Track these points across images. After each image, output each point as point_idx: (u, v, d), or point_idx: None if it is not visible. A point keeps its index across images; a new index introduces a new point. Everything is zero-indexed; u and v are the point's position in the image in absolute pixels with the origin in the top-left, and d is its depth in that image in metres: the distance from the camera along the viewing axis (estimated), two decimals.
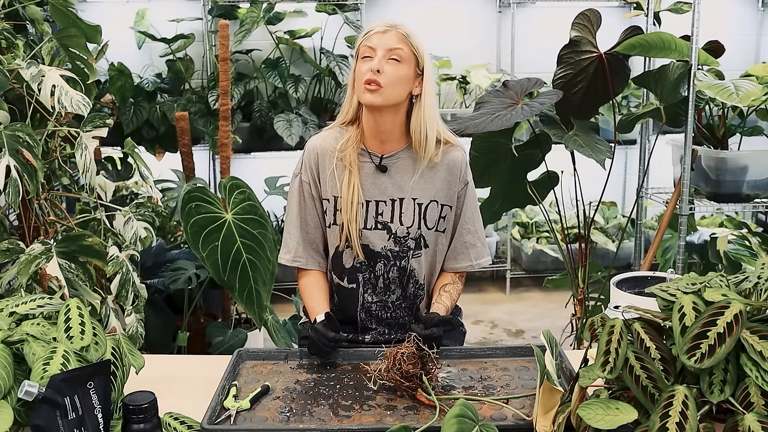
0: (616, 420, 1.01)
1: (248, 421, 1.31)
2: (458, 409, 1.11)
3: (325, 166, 1.71)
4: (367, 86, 1.60)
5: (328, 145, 1.72)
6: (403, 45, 1.61)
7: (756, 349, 0.98)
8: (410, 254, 1.72)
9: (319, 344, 1.52)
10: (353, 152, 1.68)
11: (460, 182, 1.74)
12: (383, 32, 1.61)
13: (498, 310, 4.17)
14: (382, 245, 1.70)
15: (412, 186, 1.70)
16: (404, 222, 1.70)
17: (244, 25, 3.76)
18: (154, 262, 3.04)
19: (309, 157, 1.73)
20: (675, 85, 2.55)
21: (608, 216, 4.54)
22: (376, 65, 1.59)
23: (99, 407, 1.14)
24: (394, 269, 1.72)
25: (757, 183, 2.72)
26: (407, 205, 1.70)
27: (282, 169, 3.37)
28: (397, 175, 1.70)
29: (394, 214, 1.70)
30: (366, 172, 1.70)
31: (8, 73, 1.84)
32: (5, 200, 1.74)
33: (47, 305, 1.29)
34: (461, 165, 1.74)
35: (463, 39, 4.39)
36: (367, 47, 1.62)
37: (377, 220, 1.70)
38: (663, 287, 1.16)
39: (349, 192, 1.67)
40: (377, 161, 1.70)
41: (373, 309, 1.75)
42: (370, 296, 1.74)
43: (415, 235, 1.71)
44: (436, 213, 1.71)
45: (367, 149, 1.71)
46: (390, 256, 1.71)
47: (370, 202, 1.70)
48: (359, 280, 1.73)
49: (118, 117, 3.62)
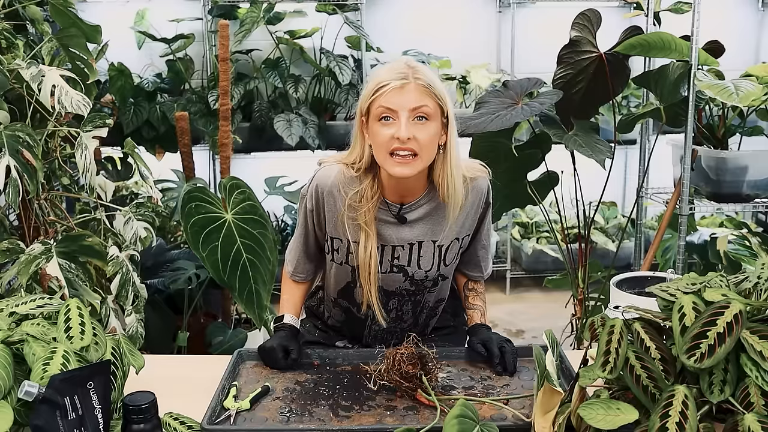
0: (617, 420, 1.01)
1: (248, 421, 1.31)
2: (459, 409, 1.10)
3: (334, 208, 1.57)
4: (399, 158, 1.41)
5: (338, 186, 1.55)
6: (427, 100, 1.41)
7: (756, 349, 0.98)
8: (425, 291, 1.65)
9: (272, 361, 1.53)
10: (370, 211, 1.52)
11: (482, 205, 1.63)
12: (401, 87, 1.39)
13: (498, 310, 4.17)
14: (397, 286, 1.63)
15: (431, 230, 1.58)
16: (422, 266, 1.60)
17: (244, 25, 3.76)
18: (154, 262, 3.04)
19: (318, 190, 1.58)
20: (675, 85, 2.55)
21: (608, 216, 4.54)
22: (404, 133, 1.38)
23: (99, 407, 1.14)
24: (408, 303, 1.68)
25: (757, 183, 2.71)
26: (426, 248, 1.58)
27: (282, 169, 3.37)
28: (416, 224, 1.57)
29: (411, 257, 1.59)
30: (381, 219, 1.56)
31: (8, 73, 1.84)
32: (5, 200, 1.74)
33: (47, 305, 1.29)
34: (484, 192, 1.62)
35: (463, 39, 4.39)
36: (385, 108, 1.40)
37: (393, 264, 1.59)
38: (663, 287, 1.16)
39: (366, 256, 1.52)
40: (396, 211, 1.56)
41: (380, 334, 1.73)
42: (378, 325, 1.68)
43: (434, 276, 1.62)
44: (456, 249, 1.62)
45: (385, 199, 1.56)
46: (405, 294, 1.65)
47: (386, 246, 1.57)
48: (369, 314, 1.67)
49: (118, 117, 3.62)
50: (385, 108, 1.40)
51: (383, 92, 1.40)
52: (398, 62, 1.46)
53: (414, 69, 1.42)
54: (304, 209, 1.63)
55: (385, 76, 1.41)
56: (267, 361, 1.53)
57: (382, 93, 1.40)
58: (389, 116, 1.41)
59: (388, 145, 1.41)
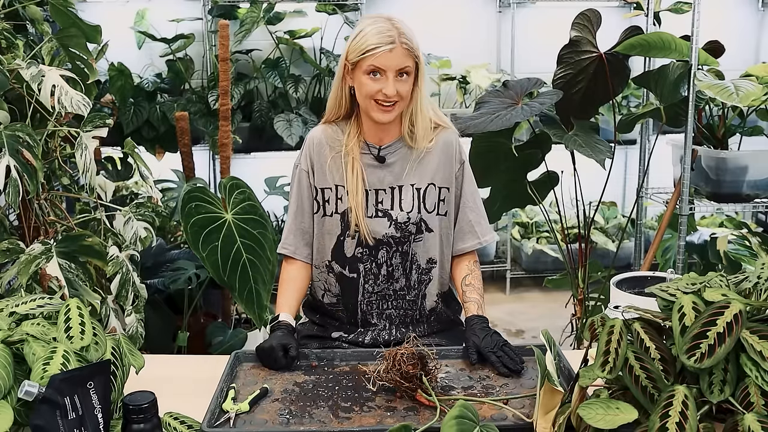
0: (617, 420, 1.01)
1: (248, 423, 1.31)
2: (458, 410, 1.10)
3: (324, 156, 1.76)
4: (383, 107, 1.65)
5: (327, 137, 1.77)
6: (409, 60, 1.64)
7: (756, 349, 0.98)
8: (411, 239, 1.74)
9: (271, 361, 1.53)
10: (356, 145, 1.74)
11: (456, 162, 1.78)
12: (390, 51, 1.61)
13: (498, 310, 4.17)
14: (384, 232, 1.73)
15: (409, 173, 1.74)
16: (404, 208, 1.74)
17: (244, 25, 3.76)
18: (154, 262, 3.04)
19: (308, 147, 1.78)
20: (675, 85, 2.55)
21: (608, 216, 4.54)
22: (392, 90, 1.62)
23: (99, 407, 1.14)
24: (396, 255, 1.74)
25: (757, 183, 2.71)
26: (406, 192, 1.74)
27: (282, 169, 3.37)
28: (394, 165, 1.75)
29: (393, 201, 1.74)
30: (365, 163, 1.75)
31: (8, 73, 1.84)
32: (5, 200, 1.74)
33: (47, 305, 1.29)
34: (455, 146, 1.78)
35: (463, 39, 4.39)
36: (374, 66, 1.62)
37: (377, 208, 1.74)
38: (663, 287, 1.16)
39: (353, 178, 1.72)
40: (375, 152, 1.75)
41: (374, 299, 1.76)
42: (371, 286, 1.75)
43: (416, 219, 1.74)
44: (434, 196, 1.75)
45: (366, 141, 1.76)
46: (392, 242, 1.74)
47: (369, 191, 1.74)
48: (360, 270, 1.75)
49: (118, 117, 3.62)
50: (375, 67, 1.62)
51: (374, 54, 1.61)
52: (384, 22, 1.64)
53: (399, 31, 1.62)
54: (298, 175, 1.79)
55: (374, 40, 1.61)
56: (266, 362, 1.54)
57: (373, 54, 1.61)
58: (377, 72, 1.62)
59: (375, 95, 1.64)
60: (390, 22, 1.64)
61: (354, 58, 1.64)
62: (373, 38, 1.61)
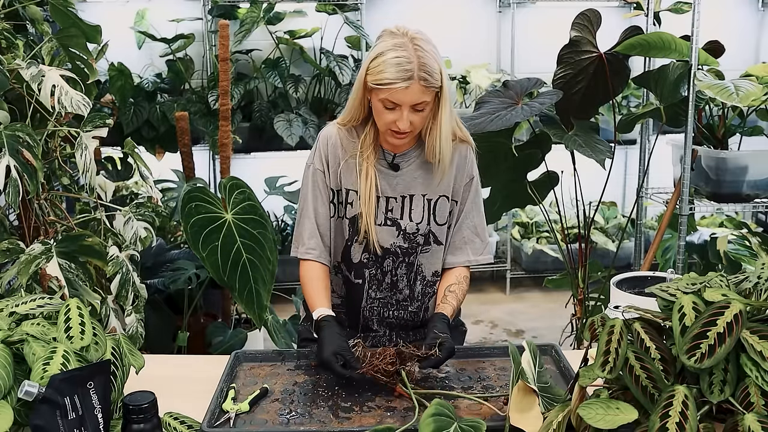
0: (617, 420, 1.01)
1: (248, 423, 1.31)
2: (434, 408, 1.12)
3: (337, 157, 1.71)
4: (396, 136, 1.61)
5: (341, 139, 1.72)
6: (427, 95, 1.56)
7: (756, 349, 0.98)
8: (419, 250, 1.72)
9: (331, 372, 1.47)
10: (372, 151, 1.69)
11: (465, 177, 1.74)
12: (406, 88, 1.53)
13: (498, 310, 4.17)
14: (391, 242, 1.71)
15: (422, 183, 1.71)
16: (414, 218, 1.71)
17: (244, 25, 3.76)
18: (154, 262, 3.04)
19: (322, 146, 1.72)
20: (675, 85, 2.55)
21: (608, 216, 4.54)
22: (405, 124, 1.57)
23: (99, 407, 1.14)
24: (402, 266, 1.73)
25: (757, 183, 2.71)
26: (417, 202, 1.71)
27: (282, 169, 3.37)
28: (408, 174, 1.71)
29: (404, 210, 1.71)
30: (378, 168, 1.70)
31: (8, 73, 1.84)
32: (5, 200, 1.74)
33: (47, 305, 1.29)
34: (469, 160, 1.74)
35: (463, 39, 4.39)
36: (390, 101, 1.56)
37: (387, 216, 1.71)
38: (663, 287, 1.16)
39: (367, 184, 1.67)
40: (390, 159, 1.71)
41: (376, 306, 1.75)
42: (375, 292, 1.74)
43: (425, 231, 1.72)
44: (445, 208, 1.73)
45: (381, 147, 1.72)
46: (399, 252, 1.72)
47: (380, 198, 1.70)
48: (365, 275, 1.73)
49: (118, 117, 3.62)
50: (390, 101, 1.57)
51: (389, 89, 1.55)
52: (405, 46, 1.54)
53: (419, 61, 1.54)
54: (312, 175, 1.73)
55: (391, 74, 1.53)
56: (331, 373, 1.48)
57: (389, 89, 1.55)
58: (392, 107, 1.58)
59: (389, 125, 1.60)
60: (412, 43, 1.54)
61: (371, 82, 1.58)
62: (390, 71, 1.53)
